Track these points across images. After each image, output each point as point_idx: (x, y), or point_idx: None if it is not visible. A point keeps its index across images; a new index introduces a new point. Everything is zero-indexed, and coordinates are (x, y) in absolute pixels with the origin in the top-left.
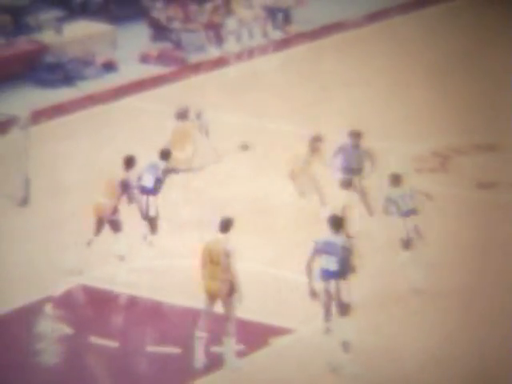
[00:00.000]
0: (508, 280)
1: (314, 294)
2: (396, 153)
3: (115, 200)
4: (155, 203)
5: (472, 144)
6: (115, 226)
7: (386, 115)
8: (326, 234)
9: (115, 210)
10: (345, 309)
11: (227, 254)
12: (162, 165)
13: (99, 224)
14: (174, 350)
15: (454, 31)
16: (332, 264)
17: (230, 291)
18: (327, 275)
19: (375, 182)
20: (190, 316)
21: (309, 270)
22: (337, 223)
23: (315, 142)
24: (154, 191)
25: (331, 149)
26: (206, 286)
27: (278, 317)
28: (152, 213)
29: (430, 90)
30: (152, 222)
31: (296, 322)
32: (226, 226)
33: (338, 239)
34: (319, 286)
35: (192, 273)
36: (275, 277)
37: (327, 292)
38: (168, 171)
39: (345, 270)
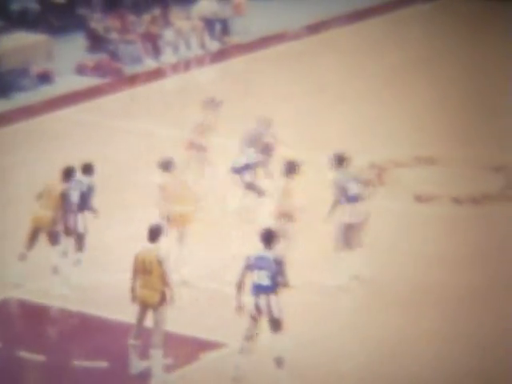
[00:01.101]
0: (442, 292)
1: (240, 308)
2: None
3: (55, 212)
4: (83, 219)
5: (411, 156)
6: (53, 238)
7: (326, 127)
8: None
9: (55, 222)
10: (276, 324)
11: (160, 262)
12: (86, 180)
13: (33, 236)
14: (102, 363)
15: (398, 42)
16: (264, 279)
17: (161, 301)
18: (259, 290)
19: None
20: (121, 330)
21: (239, 286)
22: (268, 238)
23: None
24: (80, 207)
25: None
26: (139, 295)
27: (210, 331)
28: (80, 229)
29: (369, 102)
30: (79, 239)
31: (228, 337)
32: (154, 234)
33: (270, 253)
34: (250, 300)
35: (124, 287)
36: (209, 290)
37: (257, 307)
38: None
39: (277, 284)
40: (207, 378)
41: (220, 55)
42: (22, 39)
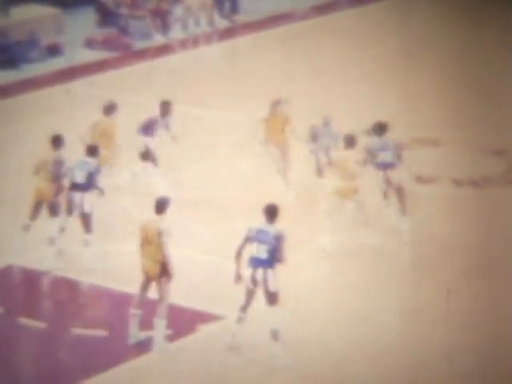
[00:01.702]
0: (441, 275)
1: (238, 278)
2: None
3: (53, 182)
4: (89, 200)
5: (413, 138)
6: (52, 210)
7: (330, 108)
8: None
9: (57, 193)
10: (272, 298)
11: (159, 234)
12: (92, 160)
13: (37, 208)
14: (102, 332)
15: (403, 25)
16: (263, 252)
17: (162, 272)
18: (257, 263)
19: None
20: (120, 299)
21: (238, 256)
22: (271, 213)
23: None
24: (87, 187)
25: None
26: (142, 265)
27: (209, 303)
28: (86, 209)
29: (374, 83)
30: (86, 219)
31: (226, 309)
32: (161, 206)
33: (272, 228)
34: (247, 272)
35: (123, 257)
36: (208, 263)
37: (254, 279)
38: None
39: (274, 259)
40: (205, 350)
41: (228, 33)
42: (32, 11)
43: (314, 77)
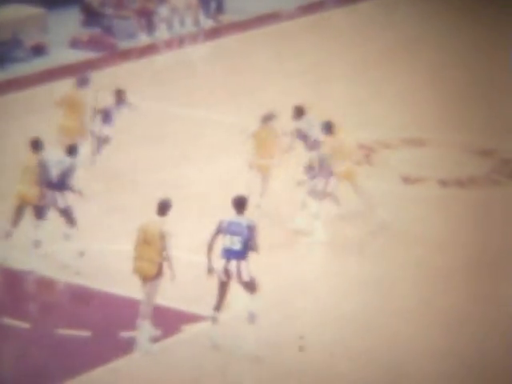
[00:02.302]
0: (423, 271)
1: (211, 270)
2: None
3: (37, 185)
4: (64, 197)
5: (400, 138)
6: (39, 213)
7: (316, 107)
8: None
9: (41, 196)
10: (250, 286)
11: (162, 236)
12: (68, 160)
13: (18, 213)
14: (85, 333)
15: (390, 24)
16: (236, 244)
17: (157, 273)
18: (230, 254)
19: None
20: (104, 300)
21: (210, 248)
22: (240, 204)
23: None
24: (60, 186)
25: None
26: (137, 266)
27: (193, 304)
28: (61, 205)
29: (359, 83)
30: (66, 214)
31: (210, 310)
32: (163, 208)
33: (243, 219)
34: (220, 264)
35: (109, 257)
36: (192, 263)
37: (227, 271)
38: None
39: (248, 249)
40: (189, 350)
41: (214, 33)
42: (16, 11)
43: (301, 76)
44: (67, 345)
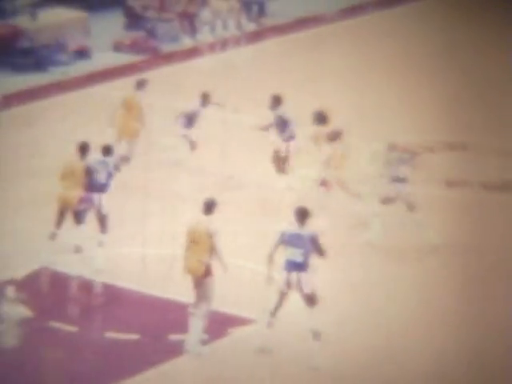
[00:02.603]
0: (475, 277)
1: (270, 280)
2: (367, 148)
3: (80, 190)
4: (106, 201)
5: (443, 142)
6: (78, 218)
7: (359, 111)
8: (292, 225)
9: (81, 201)
10: (311, 299)
11: (210, 235)
12: (110, 160)
13: (61, 216)
14: (133, 336)
15: (432, 28)
16: (298, 256)
17: (207, 273)
18: (292, 267)
19: None
20: (152, 303)
21: (270, 259)
22: (302, 215)
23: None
24: (105, 188)
25: None
26: (187, 265)
27: (239, 307)
28: (104, 211)
29: (403, 87)
30: (103, 220)
31: (257, 313)
32: (209, 207)
33: (305, 231)
34: (281, 276)
35: (155, 260)
36: (239, 267)
37: (288, 283)
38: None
39: (310, 261)
40: (236, 353)
41: (256, 36)
42: (59, 15)
43: (344, 79)
44: (116, 348)
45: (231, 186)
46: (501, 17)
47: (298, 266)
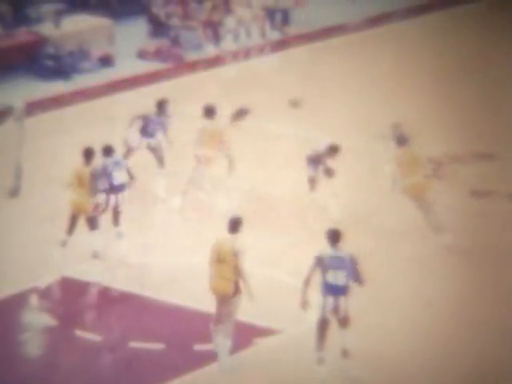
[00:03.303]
0: (498, 287)
1: (305, 304)
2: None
3: (92, 195)
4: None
5: (469, 152)
6: (93, 224)
7: (384, 119)
8: (326, 248)
9: (95, 206)
10: (345, 322)
11: (235, 254)
12: (122, 160)
13: (73, 222)
14: (158, 346)
15: (456, 38)
16: (341, 279)
17: (235, 291)
18: (335, 291)
19: None
20: (177, 313)
21: (307, 283)
22: (335, 237)
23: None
24: (124, 187)
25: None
26: (212, 284)
27: (264, 317)
28: (121, 209)
29: (428, 96)
30: (116, 214)
31: (282, 323)
32: (234, 225)
33: (343, 253)
34: (324, 301)
35: (181, 270)
36: (264, 277)
37: (335, 308)
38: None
39: (352, 283)
40: (262, 364)
41: (280, 45)
42: (83, 22)
43: (367, 88)
44: (140, 358)
45: (256, 196)
46: None
47: (339, 290)
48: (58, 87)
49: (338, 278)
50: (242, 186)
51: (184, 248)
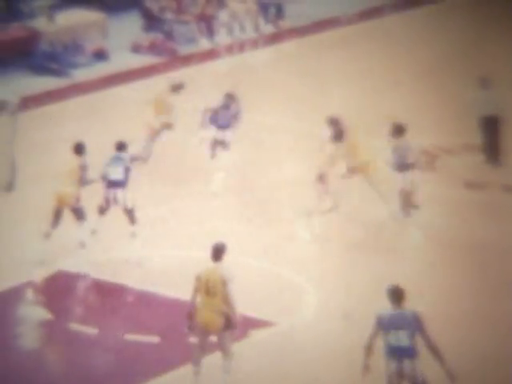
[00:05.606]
0: (493, 279)
1: (367, 369)
2: (384, 150)
3: (77, 187)
4: (127, 195)
5: (463, 144)
6: (80, 214)
7: (377, 112)
8: (387, 307)
9: (78, 199)
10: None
11: (224, 283)
12: (125, 155)
13: (57, 214)
14: (153, 338)
15: (448, 31)
16: (404, 339)
17: (226, 325)
18: (399, 353)
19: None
20: (173, 306)
21: (369, 348)
22: (397, 295)
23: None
24: (125, 183)
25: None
26: (201, 318)
27: (260, 309)
28: (130, 206)
29: (421, 89)
30: (131, 214)
31: (277, 316)
32: (217, 253)
33: (406, 311)
34: (389, 365)
35: (176, 263)
36: (259, 269)
37: (400, 373)
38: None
39: (417, 345)
40: (256, 356)
41: (273, 38)
42: (76, 16)
43: (360, 81)
44: (136, 350)
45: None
46: None
47: (406, 351)
48: (52, 82)
49: (400, 338)
50: (236, 178)
51: (180, 241)
